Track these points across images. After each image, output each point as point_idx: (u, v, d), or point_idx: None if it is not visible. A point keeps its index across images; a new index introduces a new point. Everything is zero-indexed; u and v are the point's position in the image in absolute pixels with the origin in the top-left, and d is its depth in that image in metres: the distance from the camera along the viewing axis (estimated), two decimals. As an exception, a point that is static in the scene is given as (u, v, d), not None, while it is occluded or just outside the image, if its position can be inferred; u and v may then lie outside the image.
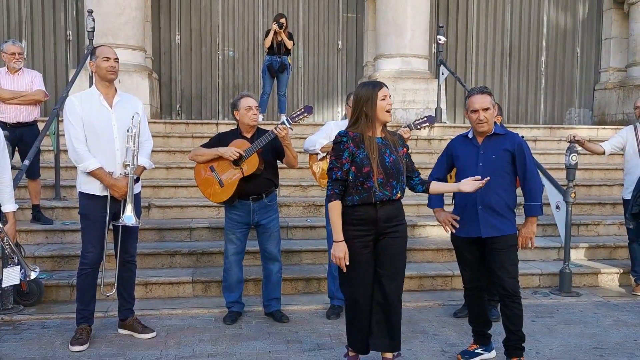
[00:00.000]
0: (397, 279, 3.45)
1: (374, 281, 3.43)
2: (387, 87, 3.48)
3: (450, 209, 4.05)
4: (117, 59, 4.13)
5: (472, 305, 4.05)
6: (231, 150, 4.41)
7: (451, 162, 4.02)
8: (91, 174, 3.98)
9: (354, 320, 3.51)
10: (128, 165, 4.03)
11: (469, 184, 3.50)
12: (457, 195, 3.95)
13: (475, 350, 4.02)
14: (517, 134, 3.96)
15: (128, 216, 4.03)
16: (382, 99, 3.37)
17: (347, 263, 3.35)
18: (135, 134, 4.05)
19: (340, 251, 3.34)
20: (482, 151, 3.82)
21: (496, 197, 3.75)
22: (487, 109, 3.75)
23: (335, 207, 3.36)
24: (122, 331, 4.35)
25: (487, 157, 3.80)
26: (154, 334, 4.30)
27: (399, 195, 3.41)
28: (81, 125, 3.97)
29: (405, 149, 3.53)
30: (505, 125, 6.34)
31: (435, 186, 3.66)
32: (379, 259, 3.42)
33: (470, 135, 3.94)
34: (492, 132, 3.83)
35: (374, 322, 3.45)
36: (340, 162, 3.35)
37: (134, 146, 4.04)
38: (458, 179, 3.85)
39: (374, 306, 3.44)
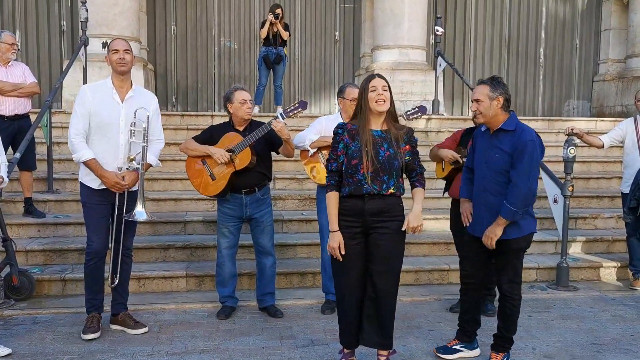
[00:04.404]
0: (389, 275, 3.41)
1: (366, 276, 3.41)
2: (382, 77, 3.41)
3: None
4: (127, 50, 4.05)
5: (465, 300, 3.92)
6: (220, 153, 4.36)
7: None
8: (85, 164, 4.00)
9: (342, 315, 3.52)
10: (133, 159, 4.03)
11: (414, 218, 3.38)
12: (474, 191, 3.79)
13: (454, 347, 3.89)
14: (531, 130, 3.62)
15: (140, 212, 4.06)
16: (371, 91, 3.36)
17: (343, 253, 3.35)
18: (144, 129, 4.03)
19: (335, 241, 3.36)
20: (490, 147, 3.63)
21: (500, 199, 3.54)
22: (477, 100, 3.60)
23: (332, 197, 3.41)
24: (113, 326, 4.30)
25: (491, 154, 3.62)
26: (145, 329, 4.25)
27: (390, 190, 3.35)
28: (86, 116, 3.97)
29: (408, 146, 3.45)
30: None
31: (414, 194, 3.49)
32: (370, 254, 3.40)
33: (483, 128, 3.77)
34: (499, 127, 3.61)
35: (364, 317, 3.44)
36: (335, 153, 3.42)
37: (143, 142, 4.04)
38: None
39: (366, 301, 3.43)
